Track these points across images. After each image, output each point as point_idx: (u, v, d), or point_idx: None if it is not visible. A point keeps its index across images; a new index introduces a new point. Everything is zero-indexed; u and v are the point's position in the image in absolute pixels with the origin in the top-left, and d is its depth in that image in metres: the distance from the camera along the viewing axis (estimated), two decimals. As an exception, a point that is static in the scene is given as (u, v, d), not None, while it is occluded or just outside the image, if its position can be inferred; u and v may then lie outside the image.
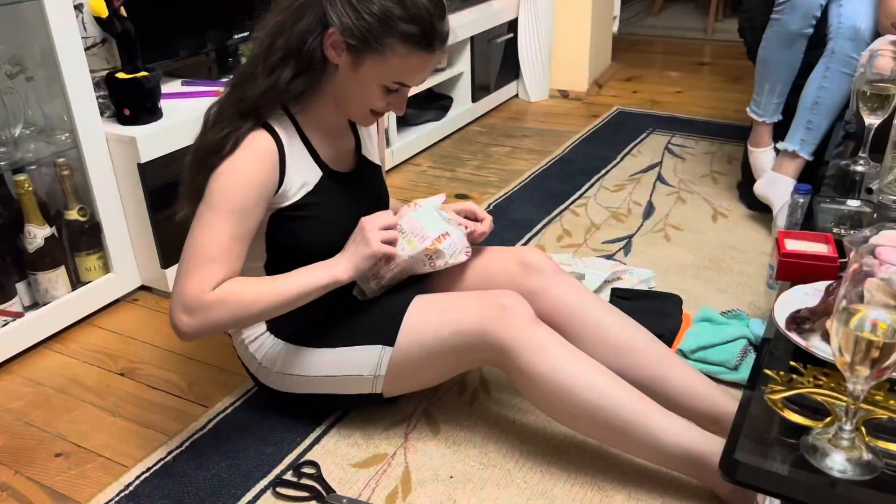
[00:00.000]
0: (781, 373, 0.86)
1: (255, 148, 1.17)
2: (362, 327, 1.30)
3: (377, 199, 1.40)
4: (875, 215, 1.28)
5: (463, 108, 3.00)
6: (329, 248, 1.24)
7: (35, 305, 1.69)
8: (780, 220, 1.81)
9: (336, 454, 1.34)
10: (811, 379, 0.85)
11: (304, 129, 1.24)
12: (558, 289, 1.35)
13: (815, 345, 0.89)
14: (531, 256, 1.38)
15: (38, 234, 1.63)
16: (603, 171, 2.53)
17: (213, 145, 1.16)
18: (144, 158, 1.70)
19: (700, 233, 2.10)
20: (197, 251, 1.15)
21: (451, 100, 2.97)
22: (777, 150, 2.06)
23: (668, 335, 1.59)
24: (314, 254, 1.24)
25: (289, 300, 1.19)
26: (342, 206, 1.29)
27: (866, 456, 0.74)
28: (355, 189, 1.33)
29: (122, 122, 1.74)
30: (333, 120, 1.28)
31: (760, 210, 2.14)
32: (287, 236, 1.25)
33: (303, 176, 1.24)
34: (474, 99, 3.04)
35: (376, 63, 1.15)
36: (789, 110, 2.04)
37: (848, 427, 0.74)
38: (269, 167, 1.18)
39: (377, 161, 1.42)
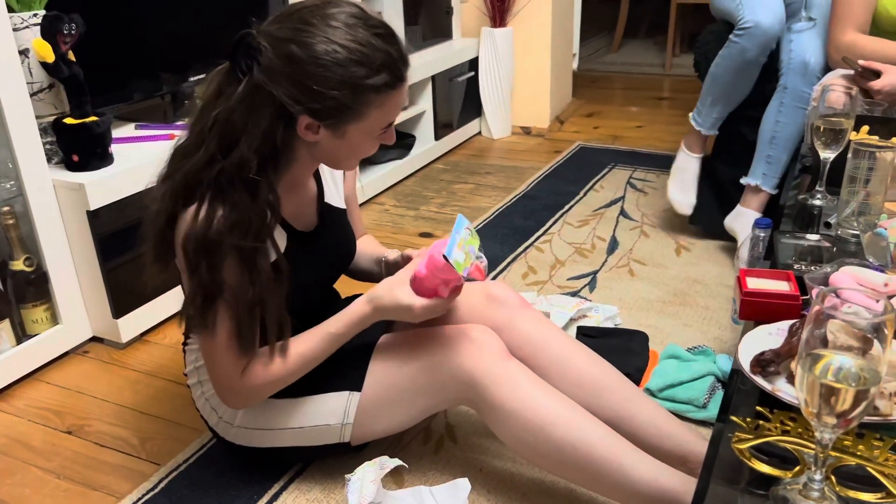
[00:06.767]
0: (748, 419, 0.83)
1: None
2: (326, 374, 1.25)
3: (344, 252, 1.35)
4: (834, 249, 1.28)
5: (426, 146, 2.99)
6: (295, 309, 1.18)
7: (-23, 361, 1.61)
8: (743, 254, 1.81)
9: (295, 512, 1.28)
10: (778, 425, 0.82)
11: None
12: (524, 323, 1.32)
13: (781, 388, 0.87)
14: (497, 290, 1.35)
15: (-20, 286, 1.56)
16: (566, 207, 2.53)
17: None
18: (94, 205, 1.64)
19: (664, 267, 2.09)
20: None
21: (413, 138, 2.96)
22: (716, 171, 2.07)
23: (635, 374, 1.57)
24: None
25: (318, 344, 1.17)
26: (309, 266, 1.24)
27: (837, 506, 0.71)
28: (322, 246, 1.28)
29: (71, 169, 1.68)
30: (304, 174, 1.21)
31: (721, 239, 2.16)
32: None
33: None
34: (437, 137, 3.04)
35: (360, 124, 1.08)
36: (725, 128, 2.11)
37: (818, 477, 0.71)
38: None
39: (341, 204, 1.37)
